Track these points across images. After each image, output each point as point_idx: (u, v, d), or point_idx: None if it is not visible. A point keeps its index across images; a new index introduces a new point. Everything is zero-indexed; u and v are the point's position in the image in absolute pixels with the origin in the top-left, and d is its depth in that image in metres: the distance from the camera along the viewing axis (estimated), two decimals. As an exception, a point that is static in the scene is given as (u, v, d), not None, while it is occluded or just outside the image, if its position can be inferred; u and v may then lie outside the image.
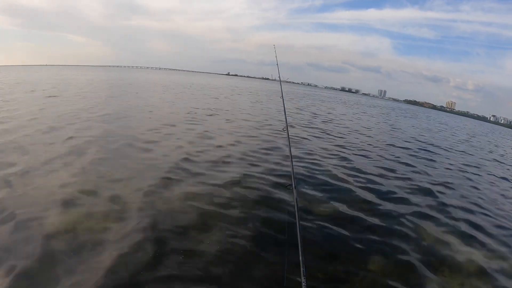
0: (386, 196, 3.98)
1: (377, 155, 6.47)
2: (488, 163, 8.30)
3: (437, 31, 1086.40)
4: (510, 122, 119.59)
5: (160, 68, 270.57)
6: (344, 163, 5.30)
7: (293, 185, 1.94)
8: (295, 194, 1.87)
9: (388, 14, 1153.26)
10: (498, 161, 9.04)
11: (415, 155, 7.13)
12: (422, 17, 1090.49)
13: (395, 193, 4.15)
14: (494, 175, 6.63)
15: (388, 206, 3.63)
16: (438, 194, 4.39)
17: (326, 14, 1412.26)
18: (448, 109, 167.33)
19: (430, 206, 3.83)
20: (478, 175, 6.29)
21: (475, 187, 5.23)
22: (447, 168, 6.36)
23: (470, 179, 5.77)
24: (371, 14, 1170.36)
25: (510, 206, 4.53)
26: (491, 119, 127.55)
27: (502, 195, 5.14)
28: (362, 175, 4.68)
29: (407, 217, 3.38)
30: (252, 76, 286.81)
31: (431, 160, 6.93)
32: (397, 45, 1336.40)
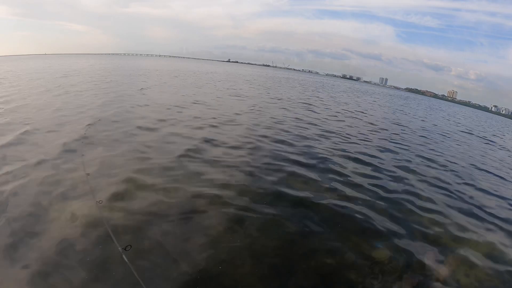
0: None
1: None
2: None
3: (441, 20, 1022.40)
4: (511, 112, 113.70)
5: (160, 56, 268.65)
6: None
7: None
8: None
9: (391, 2, 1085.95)
10: None
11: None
12: (426, 5, 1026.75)
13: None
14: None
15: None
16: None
17: (329, 0, 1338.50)
18: (449, 98, 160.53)
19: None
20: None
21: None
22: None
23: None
24: (374, 1, 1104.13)
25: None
26: (493, 109, 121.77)
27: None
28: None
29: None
30: (253, 63, 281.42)
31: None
32: (400, 33, 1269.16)
